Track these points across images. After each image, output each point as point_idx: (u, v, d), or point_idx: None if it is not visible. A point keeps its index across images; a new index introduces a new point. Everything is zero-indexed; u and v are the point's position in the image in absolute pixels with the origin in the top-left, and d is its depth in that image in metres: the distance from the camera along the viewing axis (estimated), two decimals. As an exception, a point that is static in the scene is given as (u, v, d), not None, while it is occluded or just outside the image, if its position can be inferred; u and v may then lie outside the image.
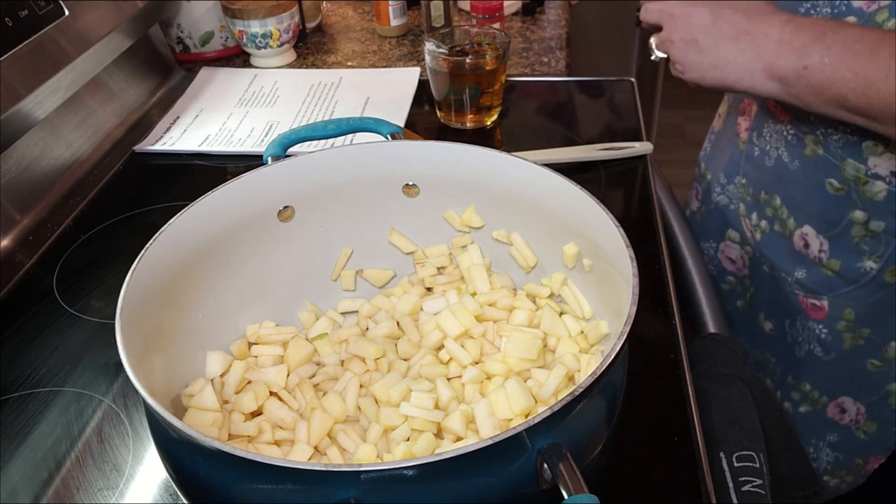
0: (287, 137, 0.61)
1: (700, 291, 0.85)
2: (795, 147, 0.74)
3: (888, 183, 0.67)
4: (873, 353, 0.77)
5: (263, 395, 0.51)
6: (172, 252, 0.51)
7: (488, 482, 0.37)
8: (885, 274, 0.72)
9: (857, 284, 0.74)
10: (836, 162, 0.70)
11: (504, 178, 0.57)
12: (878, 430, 0.81)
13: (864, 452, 0.84)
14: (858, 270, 0.73)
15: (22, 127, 0.76)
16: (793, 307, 0.81)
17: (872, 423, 0.81)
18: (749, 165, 0.82)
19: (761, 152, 0.79)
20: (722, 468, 0.62)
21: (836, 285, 0.75)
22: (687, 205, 1.01)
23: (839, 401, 0.82)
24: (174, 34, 1.14)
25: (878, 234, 0.70)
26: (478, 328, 0.55)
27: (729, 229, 0.88)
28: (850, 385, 0.80)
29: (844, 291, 0.75)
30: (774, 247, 0.80)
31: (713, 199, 0.90)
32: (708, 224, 0.92)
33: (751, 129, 0.81)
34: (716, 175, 0.90)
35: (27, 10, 0.77)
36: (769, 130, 0.77)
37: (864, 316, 0.75)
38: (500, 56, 0.89)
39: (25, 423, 0.58)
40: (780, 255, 0.80)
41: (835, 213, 0.72)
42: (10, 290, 0.72)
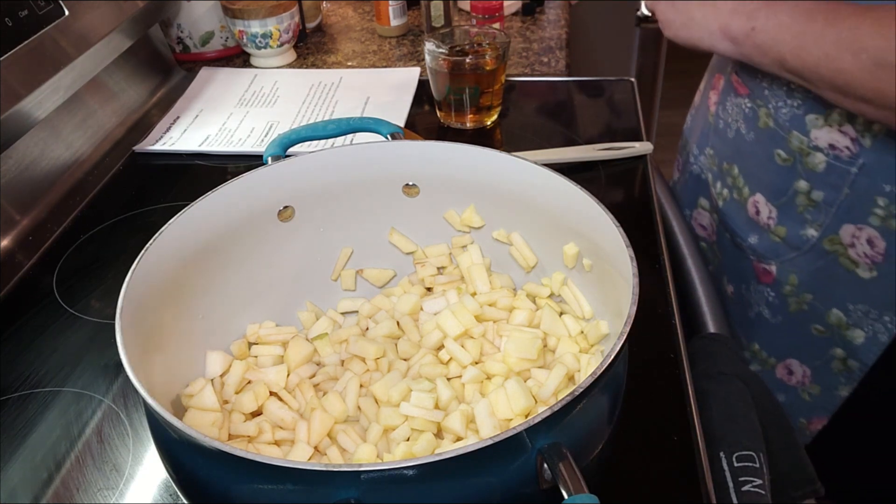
0: (287, 137, 0.61)
1: (700, 291, 0.85)
2: (751, 120, 0.79)
3: (827, 155, 0.71)
4: (817, 319, 0.81)
5: (263, 395, 0.51)
6: (172, 252, 0.51)
7: (488, 482, 0.37)
8: (824, 242, 0.75)
9: (800, 251, 0.78)
10: (784, 134, 0.75)
11: (504, 178, 0.57)
12: (822, 393, 0.85)
13: (808, 413, 0.88)
14: (801, 238, 0.77)
15: (22, 127, 0.76)
16: (748, 272, 0.86)
17: (816, 385, 0.85)
18: (716, 137, 0.87)
19: (724, 125, 0.84)
20: (722, 468, 0.61)
21: (783, 251, 0.80)
22: (672, 177, 1.06)
23: (787, 363, 0.87)
24: (174, 34, 1.14)
25: (818, 204, 0.74)
26: (478, 328, 0.55)
27: (700, 197, 0.93)
28: (797, 348, 0.85)
29: (790, 257, 0.79)
30: (733, 214, 0.85)
31: (689, 169, 0.96)
32: (685, 193, 0.98)
33: (718, 103, 0.86)
34: (692, 146, 0.96)
35: (27, 10, 0.77)
36: (731, 104, 0.83)
37: (807, 282, 0.79)
38: (500, 56, 0.89)
39: (25, 424, 0.58)
40: (737, 222, 0.85)
41: (782, 182, 0.77)
42: (10, 290, 0.72)
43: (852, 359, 0.79)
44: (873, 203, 0.70)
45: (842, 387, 0.82)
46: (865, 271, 0.73)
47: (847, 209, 0.72)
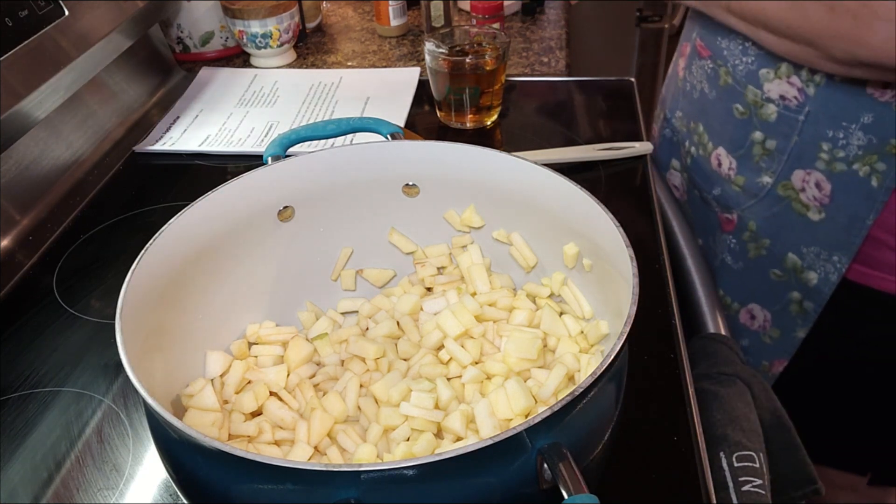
0: (287, 137, 0.61)
1: (700, 291, 0.85)
2: (713, 79, 0.85)
3: (777, 105, 0.78)
4: (774, 264, 0.86)
5: (263, 395, 0.51)
6: (172, 252, 0.51)
7: (488, 482, 0.37)
8: (778, 188, 0.82)
9: (757, 198, 0.84)
10: (741, 89, 0.81)
11: (504, 178, 0.57)
12: (782, 336, 0.91)
13: (770, 356, 0.93)
14: (758, 185, 0.83)
15: (22, 127, 0.76)
16: (713, 223, 0.92)
17: (777, 329, 0.91)
18: (684, 101, 0.93)
19: (691, 87, 0.91)
20: (722, 468, 0.61)
21: (742, 200, 0.86)
22: None
23: (749, 308, 0.93)
24: (174, 34, 1.14)
25: (772, 152, 0.80)
26: (478, 328, 0.55)
27: (673, 159, 1.00)
28: (758, 293, 0.91)
29: (748, 205, 0.86)
30: (699, 170, 0.92)
31: (662, 133, 1.02)
32: (660, 156, 1.03)
33: (685, 68, 0.93)
34: (665, 112, 1.01)
35: (27, 10, 0.77)
36: (696, 66, 0.89)
37: (764, 227, 0.85)
38: (500, 56, 0.89)
39: (25, 424, 0.58)
40: (703, 176, 0.91)
41: (740, 135, 0.83)
42: (10, 290, 0.72)
43: (808, 300, 0.85)
44: (818, 148, 0.76)
45: (799, 329, 0.88)
46: (815, 213, 0.79)
47: (797, 156, 0.78)
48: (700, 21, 0.87)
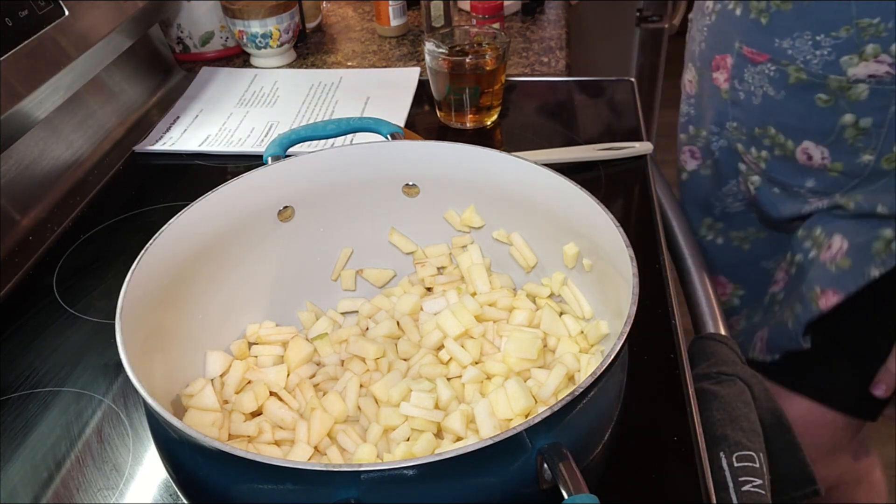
0: (287, 137, 0.61)
1: (700, 291, 0.85)
2: (779, 80, 0.85)
3: (868, 83, 0.79)
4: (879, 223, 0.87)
5: (263, 395, 0.51)
6: (172, 252, 0.51)
7: (488, 482, 0.37)
8: (882, 162, 0.83)
9: (860, 177, 0.85)
10: (820, 81, 0.81)
11: (504, 178, 0.57)
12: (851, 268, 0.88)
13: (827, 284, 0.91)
14: (859, 165, 0.84)
15: (22, 127, 0.76)
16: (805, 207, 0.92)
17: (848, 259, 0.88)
18: (737, 110, 0.92)
19: (746, 95, 0.89)
20: (722, 468, 0.61)
21: (844, 182, 0.87)
22: (680, 170, 1.11)
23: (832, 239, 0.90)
24: (174, 34, 1.14)
25: (868, 130, 0.82)
26: (478, 328, 0.55)
27: (739, 163, 0.98)
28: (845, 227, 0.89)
29: (852, 185, 0.86)
30: (781, 169, 0.91)
31: (713, 149, 1.00)
32: (720, 169, 1.02)
33: (731, 79, 0.91)
34: (704, 130, 1.01)
35: (27, 10, 0.77)
36: (750, 73, 0.88)
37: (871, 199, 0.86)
38: (500, 56, 0.89)
39: (25, 424, 0.58)
40: (788, 174, 0.90)
41: (827, 122, 0.83)
42: (10, 290, 0.72)
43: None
44: None
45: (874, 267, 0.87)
46: None
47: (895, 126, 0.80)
48: (741, 29, 0.86)
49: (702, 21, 0.96)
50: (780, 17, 0.81)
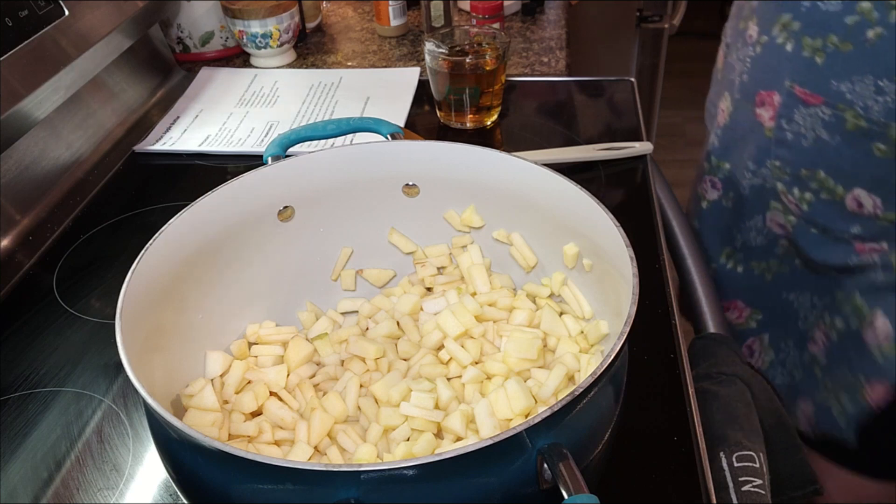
0: (287, 137, 0.61)
1: (700, 291, 0.85)
2: (834, 125, 0.78)
3: None
4: None
5: (263, 395, 0.51)
6: (172, 252, 0.51)
7: (488, 482, 0.37)
8: None
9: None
10: (879, 129, 0.75)
11: (504, 178, 0.57)
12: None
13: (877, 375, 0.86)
14: None
15: (22, 127, 0.76)
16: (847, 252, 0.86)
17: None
18: (782, 149, 0.85)
19: (795, 136, 0.83)
20: (722, 468, 0.61)
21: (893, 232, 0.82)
22: (699, 197, 1.04)
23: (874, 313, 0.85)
24: (174, 34, 1.14)
25: None
26: (478, 328, 0.55)
27: (771, 201, 0.92)
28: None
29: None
30: (825, 212, 0.85)
31: (745, 184, 0.94)
32: (745, 205, 0.96)
33: (777, 117, 0.84)
34: (741, 163, 0.93)
35: (27, 10, 0.77)
36: (801, 115, 0.81)
37: None
38: (500, 56, 0.89)
39: (25, 423, 0.58)
40: (833, 218, 0.84)
41: (884, 171, 0.77)
42: (10, 290, 0.72)
43: None
44: None
45: None
46: None
47: None
48: (792, 67, 0.80)
49: (744, 50, 0.88)
50: (839, 57, 0.75)
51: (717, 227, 1.02)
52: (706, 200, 1.03)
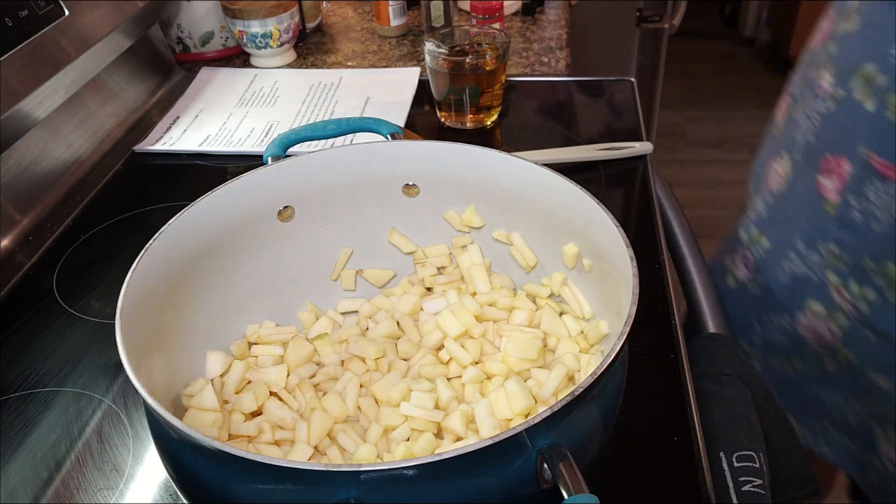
0: (287, 137, 0.61)
1: (700, 291, 0.85)
2: None
3: None
4: None
5: (263, 395, 0.51)
6: (172, 252, 0.51)
7: (488, 482, 0.37)
8: None
9: None
10: None
11: (504, 178, 0.57)
12: None
13: None
14: None
15: (22, 127, 0.76)
16: None
17: None
18: (845, 232, 0.70)
19: (865, 216, 0.68)
20: (722, 468, 0.61)
21: None
22: (725, 270, 0.90)
23: None
24: (174, 34, 1.14)
25: None
26: (478, 328, 0.55)
27: (809, 300, 0.76)
28: None
29: None
30: (891, 316, 0.70)
31: (785, 270, 0.78)
32: (776, 297, 0.80)
33: (845, 191, 0.69)
34: (786, 242, 0.77)
35: (27, 10, 0.77)
36: (876, 191, 0.66)
37: None
38: (500, 56, 0.89)
39: (25, 423, 0.58)
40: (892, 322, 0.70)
41: None
42: (10, 290, 0.72)
43: None
44: None
45: None
46: None
47: None
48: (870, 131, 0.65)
49: (813, 104, 0.72)
50: None
51: (734, 313, 0.87)
52: (732, 277, 0.88)
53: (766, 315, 0.82)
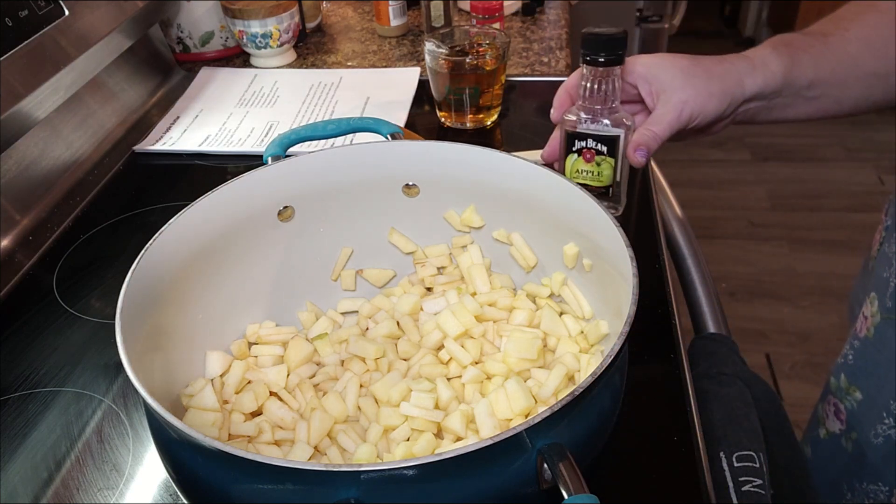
0: (287, 137, 0.61)
1: (700, 291, 0.85)
2: None
3: None
4: None
5: (263, 395, 0.51)
6: (172, 252, 0.51)
7: (488, 482, 0.37)
8: None
9: None
10: None
11: (504, 178, 0.57)
12: None
13: None
14: None
15: (22, 127, 0.76)
16: None
17: None
18: None
19: None
20: (722, 468, 0.61)
21: None
22: (818, 420, 0.81)
23: None
24: (174, 34, 1.14)
25: None
26: (478, 328, 0.55)
27: None
28: None
29: None
30: None
31: (880, 433, 0.69)
32: (870, 460, 0.71)
33: None
34: (878, 401, 0.69)
35: (27, 10, 0.77)
36: None
37: None
38: (500, 56, 0.89)
39: (25, 423, 0.58)
40: None
41: None
42: (10, 290, 0.72)
43: None
44: None
45: None
46: None
47: None
48: None
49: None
50: None
51: (823, 471, 0.77)
52: (824, 428, 0.79)
53: (861, 481, 0.73)
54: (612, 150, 0.64)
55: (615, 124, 0.64)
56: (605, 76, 0.62)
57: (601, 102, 0.63)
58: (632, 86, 0.65)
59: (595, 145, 0.64)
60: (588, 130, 0.64)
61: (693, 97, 0.62)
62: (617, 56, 0.61)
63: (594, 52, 0.61)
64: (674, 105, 0.62)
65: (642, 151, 0.62)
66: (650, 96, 0.64)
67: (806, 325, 2.01)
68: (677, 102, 0.62)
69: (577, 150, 0.65)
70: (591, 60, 0.61)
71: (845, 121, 2.80)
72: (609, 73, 0.62)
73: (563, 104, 0.68)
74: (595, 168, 0.65)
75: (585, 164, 0.66)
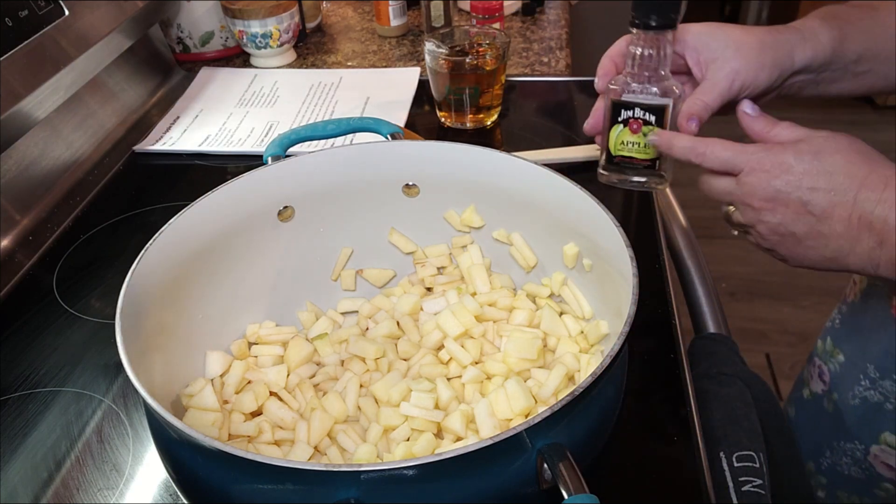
0: (287, 137, 0.61)
1: (700, 291, 0.85)
2: None
3: None
4: None
5: (263, 395, 0.51)
6: (172, 252, 0.51)
7: (488, 482, 0.37)
8: None
9: None
10: None
11: (504, 178, 0.57)
12: None
13: None
14: None
15: (22, 127, 0.76)
16: None
17: None
18: None
19: None
20: (722, 468, 0.61)
21: None
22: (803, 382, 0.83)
23: None
24: (174, 34, 1.14)
25: None
26: (478, 328, 0.55)
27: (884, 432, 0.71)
28: None
29: None
30: None
31: (857, 394, 0.72)
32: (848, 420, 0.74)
33: None
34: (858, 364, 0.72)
35: (27, 10, 0.77)
36: None
37: None
38: (500, 56, 0.89)
39: (25, 424, 0.58)
40: None
41: None
42: (10, 290, 0.72)
43: None
44: None
45: None
46: None
47: None
48: None
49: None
50: None
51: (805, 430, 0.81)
52: (808, 389, 0.82)
53: (838, 441, 0.76)
54: (660, 120, 0.60)
55: (664, 93, 0.59)
56: (655, 41, 0.58)
57: (650, 70, 0.59)
58: (679, 55, 0.61)
59: (643, 115, 0.60)
60: (636, 99, 0.60)
61: (744, 67, 0.58)
62: (670, 20, 0.57)
63: (645, 16, 0.57)
64: (726, 74, 0.58)
65: (695, 120, 0.58)
66: (698, 66, 0.61)
67: (806, 325, 2.00)
68: (729, 72, 0.58)
69: (622, 120, 0.61)
70: (643, 24, 0.57)
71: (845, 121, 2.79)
72: (660, 38, 0.58)
73: (608, 72, 0.63)
74: (641, 139, 0.61)
75: (632, 135, 0.61)
